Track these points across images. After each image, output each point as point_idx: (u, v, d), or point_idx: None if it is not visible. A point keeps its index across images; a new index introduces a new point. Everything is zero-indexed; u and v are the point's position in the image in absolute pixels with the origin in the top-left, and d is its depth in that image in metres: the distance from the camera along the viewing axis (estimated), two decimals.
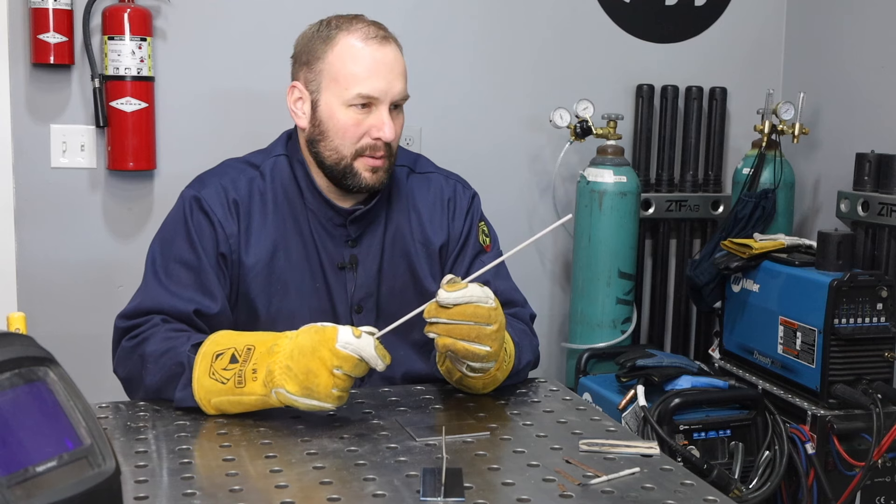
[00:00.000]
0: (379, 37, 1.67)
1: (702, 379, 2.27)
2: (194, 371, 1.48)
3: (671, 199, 2.97)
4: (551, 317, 2.98)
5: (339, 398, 1.40)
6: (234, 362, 1.46)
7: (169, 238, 1.69)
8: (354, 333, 1.39)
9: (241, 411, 1.47)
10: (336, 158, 1.68)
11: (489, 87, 2.86)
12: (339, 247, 1.73)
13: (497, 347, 1.48)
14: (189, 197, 1.70)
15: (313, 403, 1.40)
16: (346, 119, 1.65)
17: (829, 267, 2.29)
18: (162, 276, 1.65)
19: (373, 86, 1.64)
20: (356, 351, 1.38)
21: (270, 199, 1.72)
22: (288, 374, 1.39)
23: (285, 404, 1.42)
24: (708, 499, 1.21)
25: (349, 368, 1.39)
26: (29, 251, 2.54)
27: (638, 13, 2.97)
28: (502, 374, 1.59)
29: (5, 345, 0.87)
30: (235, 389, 1.44)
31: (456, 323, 1.43)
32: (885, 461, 2.21)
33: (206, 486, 1.22)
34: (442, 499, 1.18)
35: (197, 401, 1.48)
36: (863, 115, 2.75)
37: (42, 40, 2.41)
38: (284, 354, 1.41)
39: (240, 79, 2.64)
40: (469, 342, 1.45)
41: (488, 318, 1.44)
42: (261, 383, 1.42)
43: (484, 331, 1.45)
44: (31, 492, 0.82)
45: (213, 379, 1.46)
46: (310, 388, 1.38)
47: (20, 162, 2.51)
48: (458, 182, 1.86)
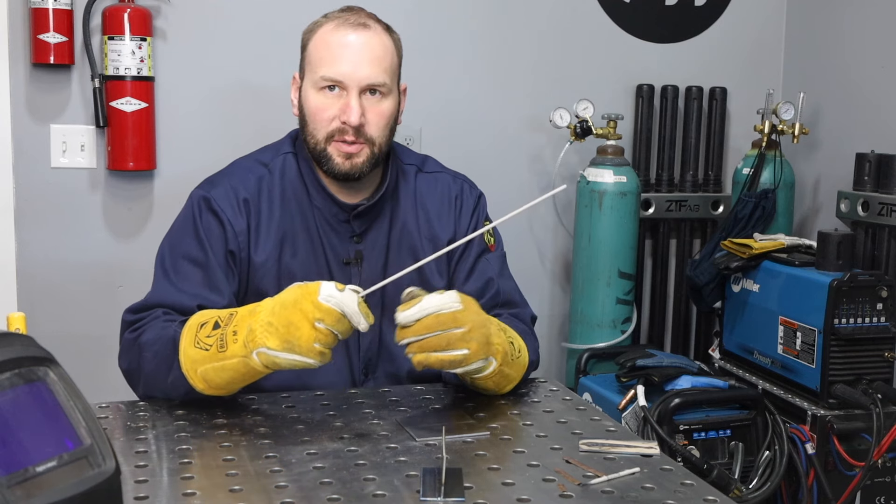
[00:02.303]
0: (354, 23, 1.69)
1: (702, 379, 2.27)
2: (180, 343, 1.47)
3: (671, 199, 2.97)
4: (551, 317, 2.98)
5: (321, 354, 1.37)
6: (216, 328, 1.45)
7: (178, 237, 1.71)
8: (338, 287, 1.37)
9: (227, 380, 1.45)
10: (313, 143, 1.71)
11: (489, 87, 2.86)
12: (345, 242, 1.74)
13: (477, 346, 1.44)
14: (198, 197, 1.72)
15: (295, 359, 1.37)
16: (315, 102, 1.69)
17: (829, 267, 2.29)
18: (170, 273, 1.66)
19: (336, 69, 1.66)
20: (338, 305, 1.36)
21: (278, 195, 1.74)
22: (269, 329, 1.37)
23: (267, 365, 1.39)
24: (708, 499, 1.22)
25: (331, 322, 1.36)
26: (29, 251, 2.54)
27: (638, 13, 2.97)
28: (512, 370, 1.57)
29: (5, 345, 0.87)
30: (218, 354, 1.42)
31: (423, 338, 1.41)
32: (885, 461, 2.21)
33: (206, 486, 1.22)
34: (442, 499, 1.18)
35: (184, 373, 1.46)
36: (863, 115, 2.75)
37: (42, 40, 2.41)
38: (266, 311, 1.39)
39: (240, 78, 2.64)
40: (442, 352, 1.41)
41: (454, 321, 1.41)
42: (241, 344, 1.40)
43: (454, 335, 1.41)
44: (31, 492, 0.82)
45: (197, 348, 1.45)
46: (291, 342, 1.36)
47: (20, 162, 2.51)
48: (465, 182, 1.88)
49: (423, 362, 1.42)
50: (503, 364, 1.53)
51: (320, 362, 1.38)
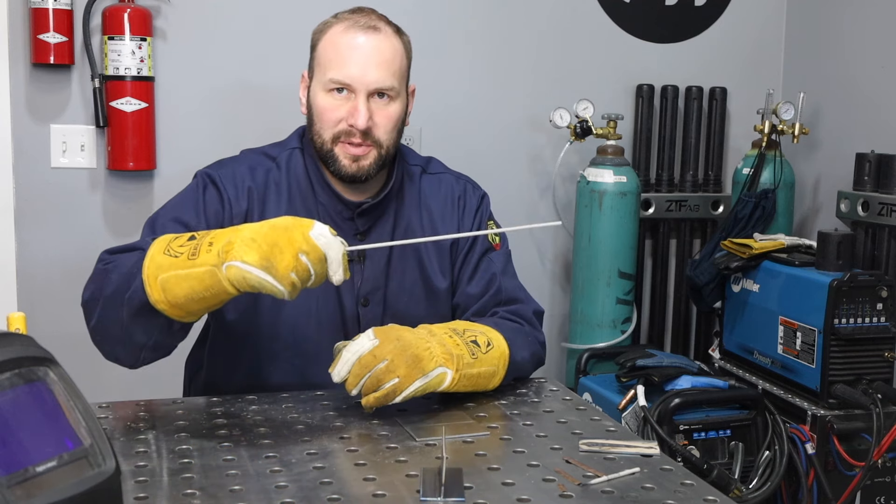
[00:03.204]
0: (364, 26, 1.69)
1: (702, 379, 2.27)
2: (149, 250, 1.42)
3: (671, 199, 2.97)
4: (551, 317, 2.98)
5: (292, 285, 1.33)
6: (192, 240, 1.40)
7: (173, 204, 1.72)
8: (331, 231, 1.37)
9: (186, 292, 1.37)
10: (319, 143, 1.71)
11: (489, 88, 2.86)
12: (348, 240, 1.74)
13: (406, 370, 1.44)
14: (203, 173, 1.74)
15: (267, 280, 1.31)
16: (323, 104, 1.69)
17: (829, 267, 2.29)
18: (158, 230, 1.63)
19: (345, 72, 1.67)
20: (326, 246, 1.35)
21: (285, 189, 1.75)
22: (251, 245, 1.32)
23: (233, 282, 1.33)
24: (708, 499, 1.21)
25: (313, 259, 1.34)
26: (29, 251, 2.54)
27: (638, 13, 2.97)
28: (482, 366, 1.55)
29: (5, 345, 0.87)
30: (187, 262, 1.37)
31: (361, 385, 1.44)
32: (885, 461, 2.21)
33: (206, 486, 1.22)
34: (442, 499, 1.18)
35: (143, 280, 1.39)
36: (863, 115, 2.75)
37: (42, 40, 2.41)
38: (251, 230, 1.35)
39: (240, 78, 2.64)
40: (379, 390, 1.44)
41: (374, 359, 1.44)
42: (214, 253, 1.35)
43: (379, 371, 1.43)
44: (31, 492, 0.82)
45: (166, 255, 1.39)
46: (270, 262, 1.31)
47: (20, 162, 2.51)
48: (468, 182, 1.90)
49: (369, 405, 1.46)
50: (462, 367, 1.51)
51: (288, 295, 1.34)
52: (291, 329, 1.72)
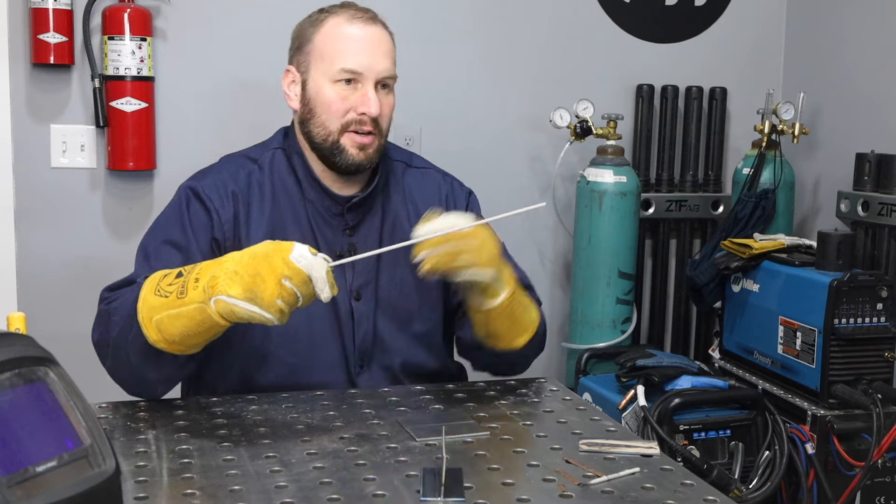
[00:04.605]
0: (364, 17, 1.72)
1: (702, 379, 2.27)
2: (141, 292, 1.44)
3: (671, 199, 2.97)
4: (551, 317, 2.98)
5: (280, 312, 1.35)
6: (179, 277, 1.42)
7: (160, 225, 1.72)
8: (311, 251, 1.37)
9: (181, 330, 1.40)
10: (324, 135, 1.71)
11: (489, 87, 2.86)
12: (338, 235, 1.75)
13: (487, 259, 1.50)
14: (185, 188, 1.74)
15: (254, 311, 1.34)
16: (331, 94, 1.70)
17: (829, 267, 2.29)
18: (151, 257, 1.66)
19: (356, 61, 1.68)
20: (308, 267, 1.35)
21: (269, 190, 1.74)
22: (234, 278, 1.34)
23: (223, 315, 1.36)
24: (708, 499, 1.22)
25: (297, 283, 1.34)
26: (29, 251, 2.54)
27: (638, 13, 2.97)
28: (525, 313, 1.63)
29: (5, 345, 0.87)
30: (176, 301, 1.39)
31: (436, 251, 1.47)
32: (885, 461, 2.20)
33: (206, 486, 1.22)
34: (442, 499, 1.18)
35: (139, 323, 1.42)
36: (863, 115, 2.75)
37: (42, 40, 2.41)
38: (233, 261, 1.37)
39: (240, 78, 2.64)
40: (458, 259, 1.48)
41: (465, 235, 1.48)
42: (201, 290, 1.37)
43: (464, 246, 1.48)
44: (31, 492, 0.82)
45: (157, 295, 1.42)
46: (254, 293, 1.33)
47: (20, 162, 2.51)
48: (454, 180, 1.92)
49: (431, 269, 1.48)
50: (515, 293, 1.58)
51: (278, 321, 1.36)
52: (284, 326, 1.72)
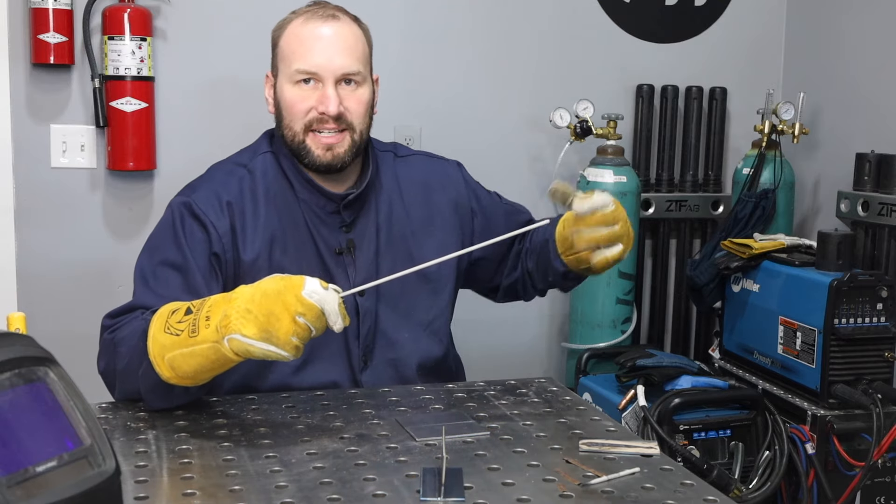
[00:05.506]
0: (324, 15, 1.72)
1: (702, 379, 2.27)
2: (150, 329, 1.44)
3: (671, 199, 2.97)
4: (551, 317, 2.98)
5: (296, 348, 1.35)
6: (188, 314, 1.41)
7: (156, 245, 1.69)
8: (322, 285, 1.36)
9: (194, 368, 1.40)
10: (290, 136, 1.72)
11: (489, 87, 2.86)
12: (335, 233, 1.75)
13: (628, 241, 1.63)
14: (178, 204, 1.71)
15: (270, 350, 1.34)
16: (291, 96, 1.71)
17: (829, 267, 2.29)
18: (150, 280, 1.64)
19: (310, 61, 1.69)
20: (321, 302, 1.35)
21: (262, 194, 1.73)
22: (247, 317, 1.33)
23: (237, 352, 1.36)
24: (708, 499, 1.22)
25: (312, 318, 1.34)
26: (29, 251, 2.54)
27: (638, 13, 2.97)
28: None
29: (5, 345, 0.87)
30: (188, 339, 1.38)
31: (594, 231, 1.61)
32: (885, 461, 2.21)
33: (206, 486, 1.22)
34: (442, 499, 1.18)
35: (151, 360, 1.42)
36: (863, 115, 2.75)
37: (42, 40, 2.41)
38: (244, 299, 1.36)
39: (240, 78, 2.64)
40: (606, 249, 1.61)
41: (614, 219, 1.60)
42: (213, 329, 1.36)
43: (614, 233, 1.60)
44: (31, 492, 0.82)
45: (167, 333, 1.41)
46: (270, 332, 1.33)
47: (20, 162, 2.51)
48: (439, 159, 1.94)
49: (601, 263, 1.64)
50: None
51: (293, 357, 1.36)
52: None
